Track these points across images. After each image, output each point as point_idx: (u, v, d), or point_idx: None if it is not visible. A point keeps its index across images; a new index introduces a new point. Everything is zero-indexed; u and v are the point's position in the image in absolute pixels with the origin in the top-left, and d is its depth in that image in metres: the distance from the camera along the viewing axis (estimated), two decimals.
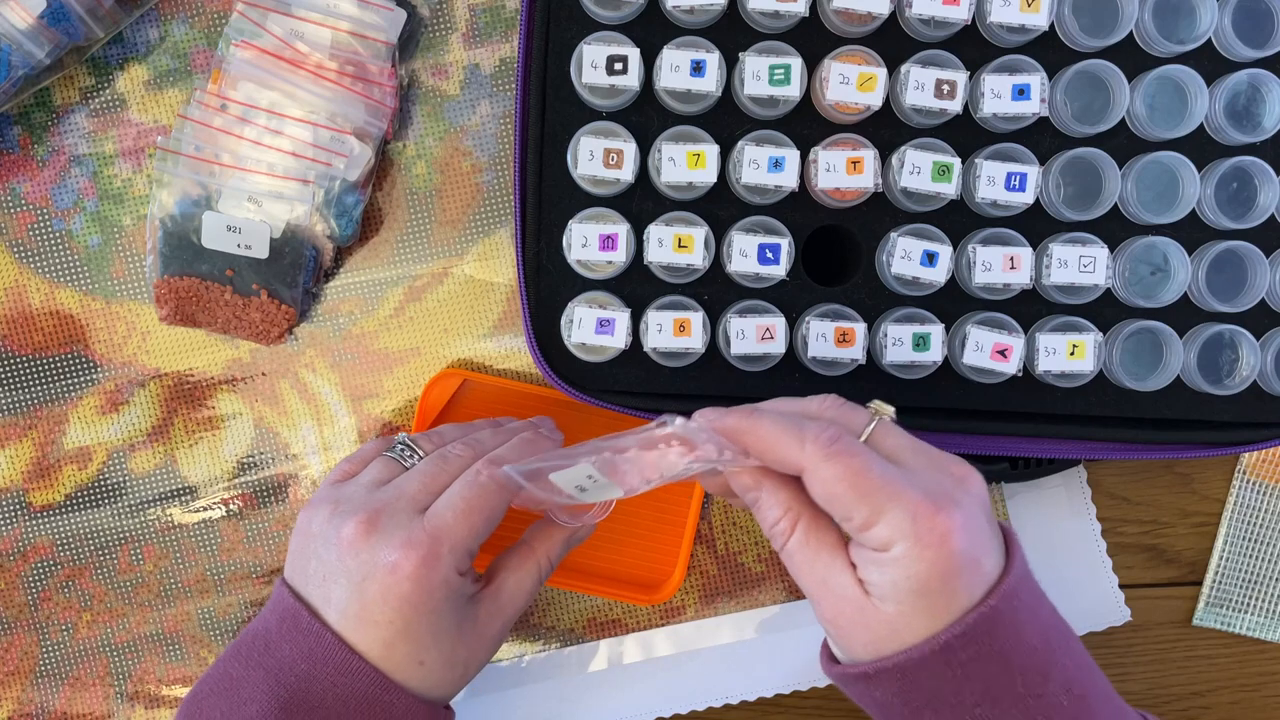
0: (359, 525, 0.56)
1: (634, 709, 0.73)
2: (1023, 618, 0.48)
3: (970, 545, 0.48)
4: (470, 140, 0.70)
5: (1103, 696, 0.50)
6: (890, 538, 0.48)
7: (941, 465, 0.50)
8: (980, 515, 0.49)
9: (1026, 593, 0.49)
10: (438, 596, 0.55)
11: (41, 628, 0.72)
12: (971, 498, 0.49)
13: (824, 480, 0.49)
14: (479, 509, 0.57)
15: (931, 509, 0.48)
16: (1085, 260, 0.63)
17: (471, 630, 0.58)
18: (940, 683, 0.48)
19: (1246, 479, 0.73)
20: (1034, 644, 0.49)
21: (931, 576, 0.47)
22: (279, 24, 0.66)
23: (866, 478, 0.48)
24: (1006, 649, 0.48)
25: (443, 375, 0.70)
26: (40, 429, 0.71)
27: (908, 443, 0.51)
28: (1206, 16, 0.62)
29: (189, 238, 0.67)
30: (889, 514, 0.48)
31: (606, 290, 0.65)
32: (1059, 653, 0.49)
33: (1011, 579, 0.49)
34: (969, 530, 0.48)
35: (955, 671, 0.48)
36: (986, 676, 0.48)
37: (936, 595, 0.48)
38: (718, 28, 0.63)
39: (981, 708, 0.48)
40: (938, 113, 0.62)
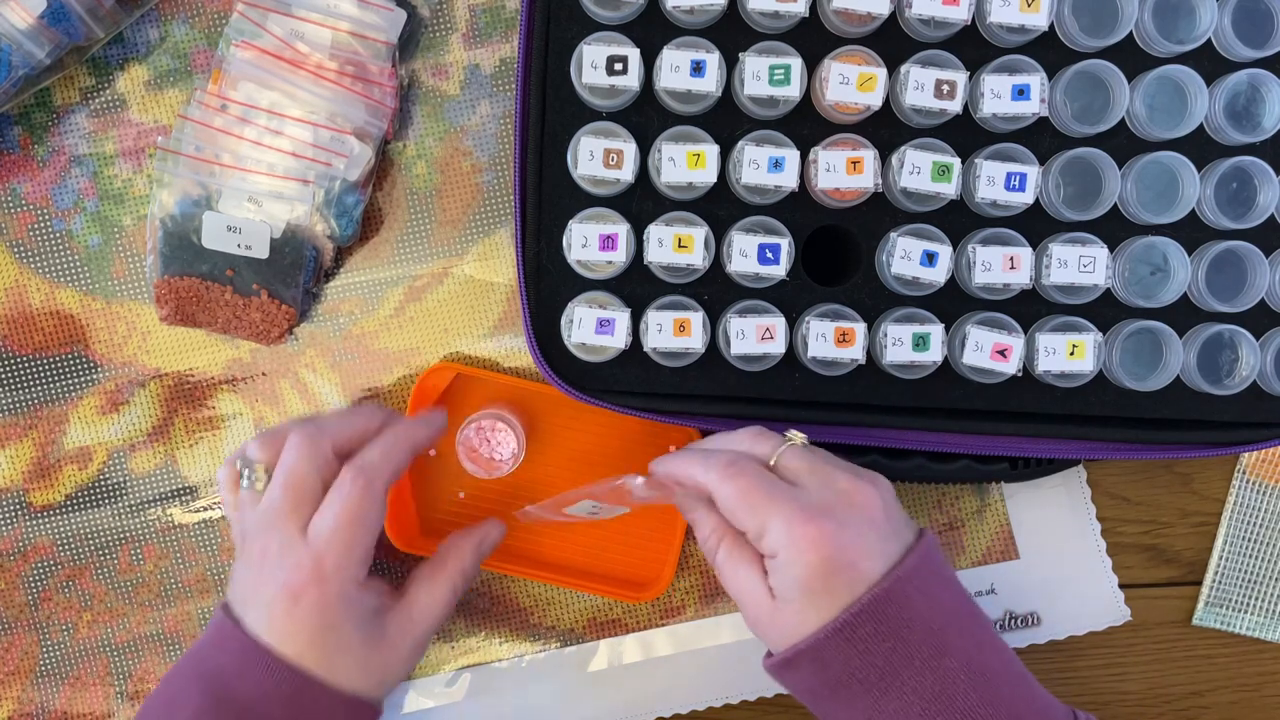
0: (256, 548, 0.60)
1: (634, 709, 0.73)
2: (916, 601, 0.56)
3: (841, 550, 0.55)
4: (470, 140, 0.70)
5: (1011, 679, 0.57)
6: (774, 545, 0.56)
7: (831, 483, 0.57)
8: (860, 525, 0.56)
9: (924, 580, 0.56)
10: (334, 612, 0.59)
11: (42, 628, 0.72)
12: (854, 509, 0.57)
13: (722, 498, 0.57)
14: (354, 521, 0.59)
15: (803, 519, 0.55)
16: (1085, 260, 0.63)
17: (383, 642, 0.61)
18: (847, 659, 0.55)
19: (1246, 479, 0.73)
20: (930, 624, 0.56)
21: (810, 576, 0.55)
22: (279, 24, 0.66)
23: (754, 495, 0.56)
24: (901, 627, 0.55)
25: (435, 370, 0.70)
26: (40, 429, 0.71)
27: (807, 465, 0.58)
28: (1206, 16, 0.62)
29: (189, 238, 0.67)
30: (771, 525, 0.56)
31: (606, 290, 0.65)
32: (956, 634, 0.56)
33: (905, 568, 0.56)
34: (840, 537, 0.55)
35: (857, 648, 0.55)
36: (886, 651, 0.55)
37: (819, 593, 0.55)
38: (718, 28, 0.63)
39: (885, 680, 0.55)
40: (938, 113, 0.62)
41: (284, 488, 0.60)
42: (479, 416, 0.68)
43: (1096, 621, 0.73)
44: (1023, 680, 0.58)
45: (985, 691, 0.55)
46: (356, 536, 0.60)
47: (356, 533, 0.60)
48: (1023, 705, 0.57)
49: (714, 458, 0.58)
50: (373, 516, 0.60)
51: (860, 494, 0.57)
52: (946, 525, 0.73)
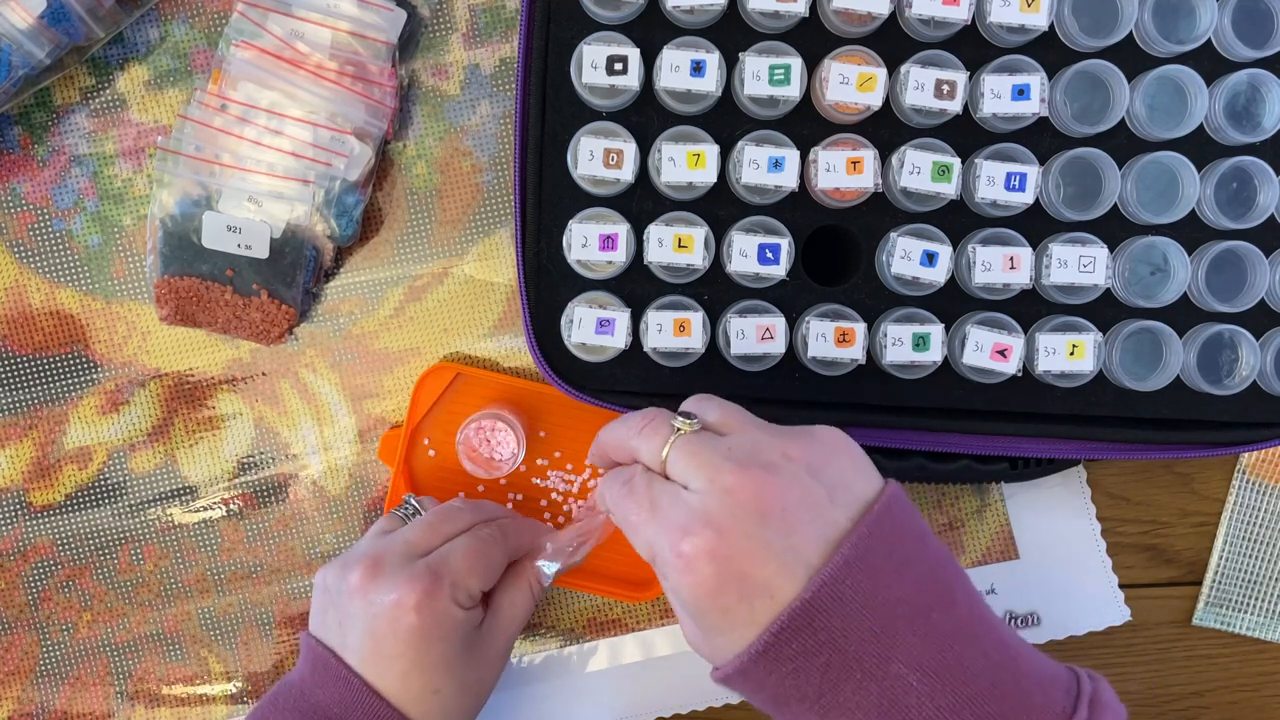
0: (363, 570, 0.60)
1: (634, 709, 0.73)
2: (850, 605, 0.47)
3: (723, 563, 0.48)
4: (470, 140, 0.70)
5: (986, 670, 0.49)
6: (661, 569, 0.51)
7: (715, 481, 0.49)
8: (750, 527, 0.48)
9: (860, 576, 0.48)
10: (444, 626, 0.59)
11: (42, 627, 0.72)
12: (740, 510, 0.48)
13: (619, 524, 0.54)
14: (479, 554, 0.62)
15: (679, 537, 0.49)
16: (1085, 260, 0.63)
17: (480, 654, 0.62)
18: (779, 679, 0.49)
19: (1246, 479, 0.73)
20: (870, 627, 0.48)
21: (698, 599, 0.49)
22: (279, 24, 0.66)
23: (638, 515, 0.52)
24: (835, 638, 0.47)
25: (436, 369, 0.70)
26: (40, 429, 0.71)
27: (692, 463, 0.51)
28: (1206, 16, 0.62)
29: (189, 238, 0.67)
30: (655, 546, 0.51)
31: (606, 290, 0.65)
32: (905, 633, 0.48)
33: (831, 568, 0.47)
34: (722, 548, 0.48)
35: (785, 667, 0.48)
36: (822, 666, 0.48)
37: (713, 614, 0.49)
38: (718, 28, 0.63)
39: (826, 696, 0.48)
40: (938, 113, 0.62)
41: (426, 524, 0.63)
42: (479, 416, 0.68)
43: (1096, 621, 0.73)
44: (1006, 666, 0.49)
45: (945, 695, 0.47)
46: (476, 568, 0.61)
47: (477, 565, 0.61)
48: (1001, 702, 0.48)
49: (617, 477, 0.54)
50: (496, 561, 0.62)
51: (748, 488, 0.49)
52: (946, 525, 0.73)
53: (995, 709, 0.48)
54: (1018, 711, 0.48)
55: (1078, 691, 0.50)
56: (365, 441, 0.72)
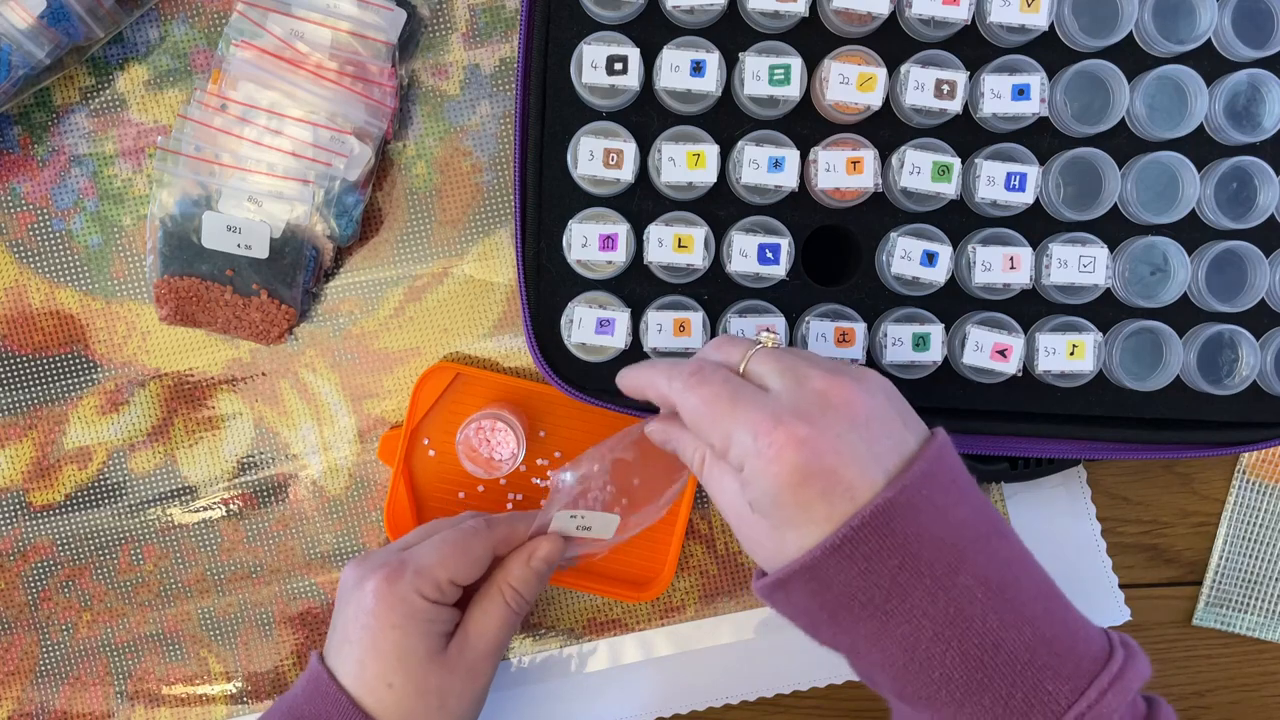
0: (351, 563, 0.63)
1: (634, 709, 0.73)
2: (925, 514, 0.49)
3: (815, 457, 0.49)
4: (470, 140, 0.70)
5: (1040, 597, 0.51)
6: (739, 457, 0.51)
7: (804, 383, 0.51)
8: (839, 427, 0.50)
9: (933, 490, 0.50)
10: (399, 613, 0.60)
11: (41, 627, 0.72)
12: (831, 411, 0.50)
13: (686, 411, 0.53)
14: (453, 544, 0.61)
15: (770, 425, 0.49)
16: (1085, 260, 0.63)
17: (441, 660, 0.61)
18: (848, 578, 0.49)
19: (1246, 479, 0.73)
20: (941, 538, 0.49)
21: (780, 489, 0.49)
22: (279, 24, 0.66)
23: (717, 404, 0.51)
24: (909, 542, 0.49)
25: (435, 369, 0.70)
26: (40, 429, 0.71)
27: (777, 366, 0.52)
28: (1206, 16, 0.62)
29: (189, 238, 0.67)
30: (735, 435, 0.50)
31: (606, 290, 0.65)
32: (972, 549, 0.50)
33: (911, 476, 0.49)
34: (813, 443, 0.49)
35: (859, 566, 0.49)
36: (892, 569, 0.49)
37: (792, 506, 0.49)
38: (718, 28, 0.63)
39: (892, 601, 0.49)
40: (938, 113, 0.62)
41: (423, 528, 0.65)
42: (479, 416, 0.68)
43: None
44: (1055, 598, 0.52)
45: (1007, 613, 0.49)
46: (447, 558, 0.61)
47: (449, 555, 0.61)
48: (1053, 627, 0.50)
49: (679, 368, 0.54)
50: (474, 552, 0.62)
51: (839, 393, 0.51)
52: None
53: (1050, 632, 0.50)
54: (1068, 638, 0.50)
55: (1109, 636, 0.52)
56: (365, 441, 0.72)
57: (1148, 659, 0.52)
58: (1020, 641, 0.49)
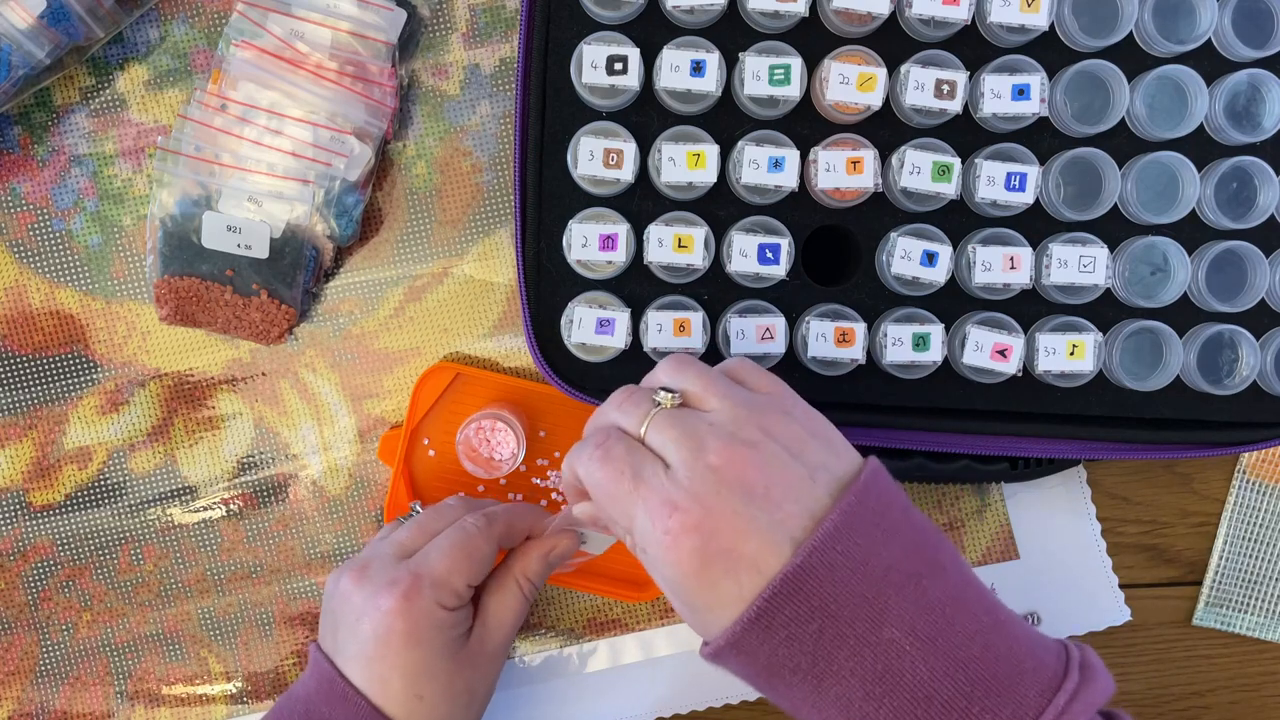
0: (352, 574, 0.61)
1: (634, 709, 0.73)
2: (841, 572, 0.48)
3: (709, 539, 0.48)
4: (470, 140, 0.70)
5: (977, 633, 0.49)
6: (642, 543, 0.50)
7: (700, 457, 0.49)
8: (738, 503, 0.48)
9: (849, 544, 0.48)
10: (424, 629, 0.59)
11: (41, 627, 0.72)
12: (726, 489, 0.48)
13: (592, 490, 0.52)
14: (461, 548, 0.61)
15: (666, 511, 0.48)
16: (1085, 260, 0.63)
17: (465, 659, 0.61)
18: (772, 648, 0.48)
19: (1246, 479, 0.73)
20: (862, 593, 0.48)
21: (683, 576, 0.49)
22: (279, 24, 0.66)
23: (620, 484, 0.50)
24: (827, 604, 0.47)
25: (435, 369, 0.70)
26: (40, 429, 0.71)
27: (675, 435, 0.50)
28: (1206, 16, 0.62)
29: (189, 238, 0.67)
30: (636, 519, 0.50)
31: (606, 290, 0.65)
32: (896, 599, 0.48)
33: (819, 537, 0.48)
34: (709, 524, 0.48)
35: (778, 635, 0.48)
36: (815, 634, 0.48)
37: (697, 591, 0.49)
38: (718, 28, 0.63)
39: (819, 665, 0.48)
40: (938, 113, 0.62)
41: (415, 524, 0.64)
42: (479, 416, 0.68)
43: (1096, 621, 0.73)
44: (996, 629, 0.50)
45: (937, 660, 0.48)
46: (458, 564, 0.60)
47: (458, 559, 0.60)
48: (992, 665, 0.48)
49: (586, 441, 0.52)
50: (481, 552, 0.61)
51: (733, 468, 0.49)
52: (946, 525, 0.73)
53: (988, 672, 0.48)
54: (1010, 675, 0.48)
55: (1067, 657, 0.50)
56: (365, 441, 0.72)
57: (1109, 676, 0.50)
58: (954, 689, 0.47)
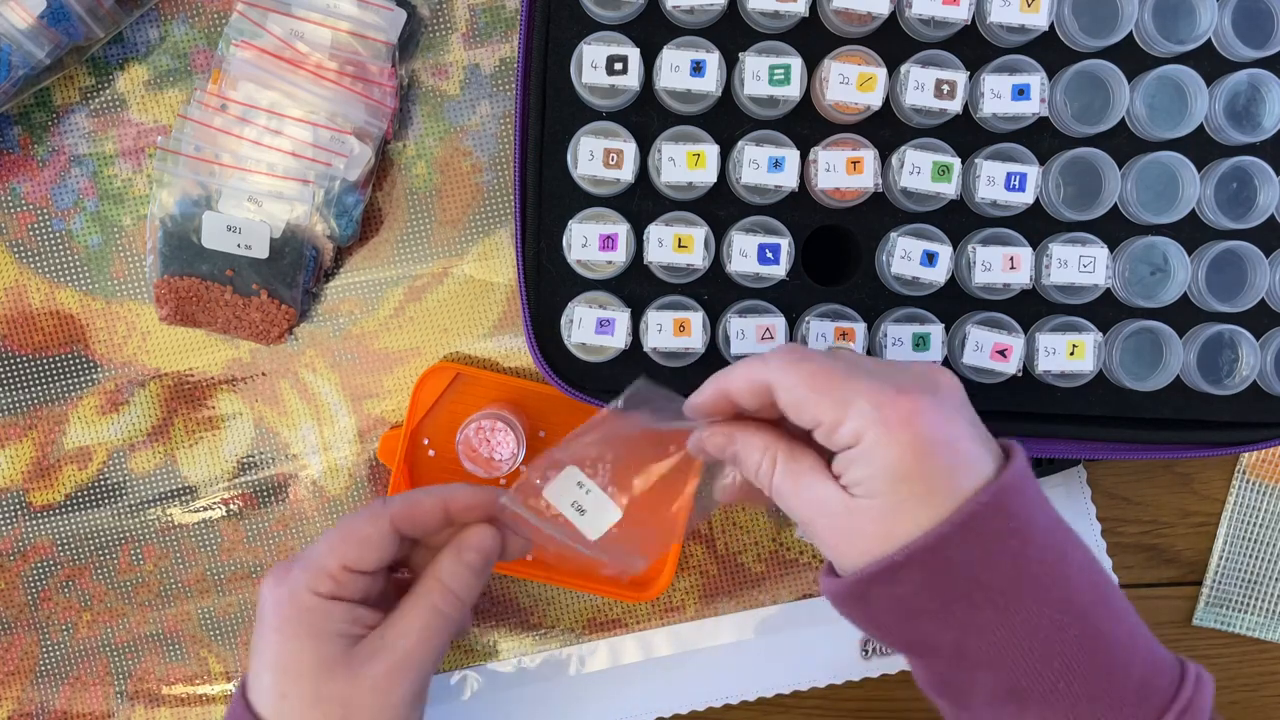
0: None
1: (634, 709, 0.73)
2: (1033, 501, 0.48)
3: (940, 425, 0.47)
4: (470, 140, 0.70)
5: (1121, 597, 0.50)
6: (859, 428, 0.47)
7: (906, 368, 0.50)
8: (953, 406, 0.49)
9: (1029, 480, 0.49)
10: (285, 614, 0.53)
11: (41, 627, 0.72)
12: (944, 391, 0.49)
13: (789, 387, 0.49)
14: (340, 527, 0.55)
15: (894, 394, 0.47)
16: (1085, 260, 0.63)
17: (346, 665, 0.53)
18: (971, 560, 0.46)
19: (1246, 479, 0.73)
20: (1047, 526, 0.48)
21: (906, 459, 0.47)
22: (279, 24, 0.66)
23: (829, 376, 0.48)
24: (1024, 526, 0.47)
25: (435, 370, 0.70)
26: (40, 429, 0.71)
27: (868, 358, 0.52)
28: (1206, 16, 0.62)
29: (189, 238, 0.67)
30: (854, 405, 0.47)
31: (606, 290, 0.65)
32: (1070, 542, 0.49)
33: (1016, 460, 0.48)
34: (937, 412, 0.47)
35: (984, 546, 0.46)
36: (1013, 551, 0.47)
37: (917, 479, 0.47)
38: (718, 28, 0.63)
39: (1014, 586, 0.47)
40: (938, 113, 0.62)
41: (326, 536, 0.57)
42: (479, 416, 0.68)
43: None
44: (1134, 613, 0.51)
45: (1108, 606, 0.48)
46: (336, 546, 0.54)
47: (335, 541, 0.54)
48: (1140, 628, 0.50)
49: (772, 352, 0.50)
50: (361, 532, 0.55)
51: (944, 377, 0.50)
52: None
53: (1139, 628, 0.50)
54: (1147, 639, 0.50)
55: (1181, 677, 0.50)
56: (365, 441, 0.72)
57: None
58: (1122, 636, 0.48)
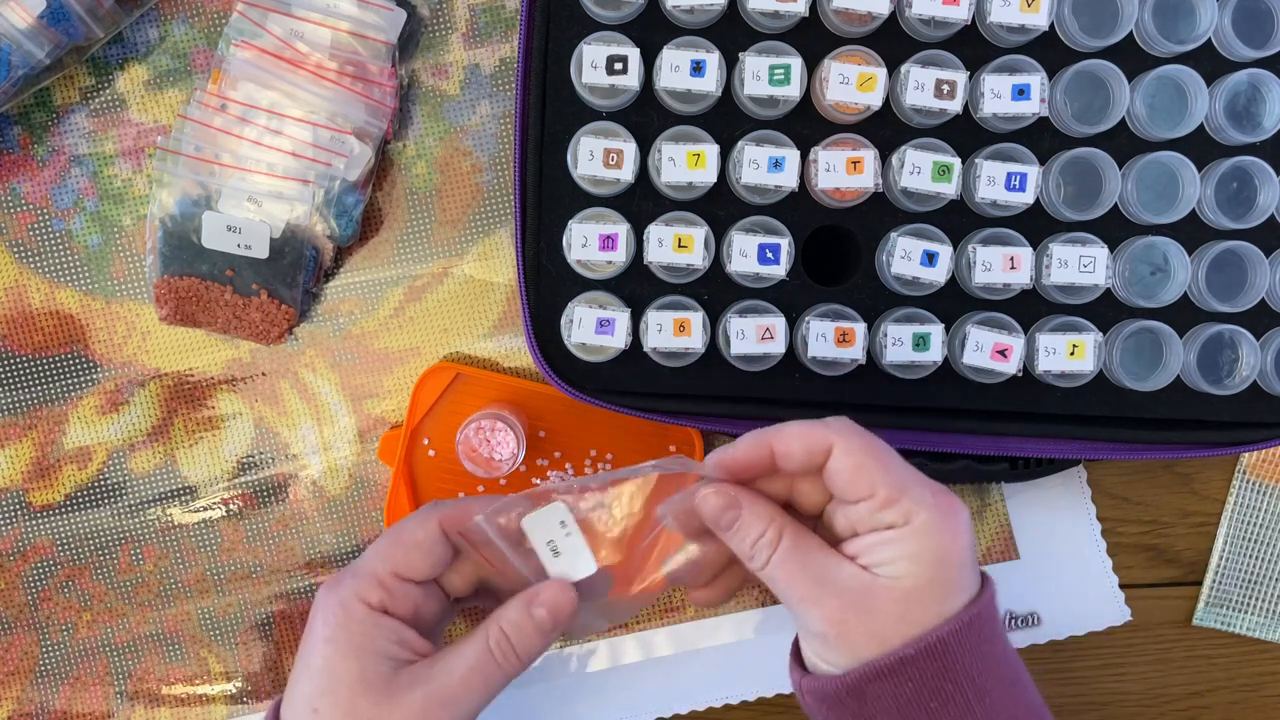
0: None
1: (634, 709, 0.73)
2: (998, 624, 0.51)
3: (970, 527, 0.50)
4: (470, 140, 0.70)
5: None
6: (912, 510, 0.48)
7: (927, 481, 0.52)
8: None
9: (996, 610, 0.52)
10: (333, 622, 0.52)
11: (41, 628, 0.72)
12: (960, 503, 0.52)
13: (855, 451, 0.49)
14: (391, 533, 0.54)
15: (940, 488, 0.50)
16: (1085, 260, 0.63)
17: (385, 688, 0.51)
18: (969, 659, 0.48)
19: (1246, 479, 0.73)
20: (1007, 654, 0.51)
21: (952, 548, 0.48)
22: (279, 24, 0.66)
23: (889, 455, 0.50)
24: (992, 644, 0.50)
25: (435, 369, 0.70)
26: (40, 429, 0.71)
27: None
28: (1206, 16, 0.62)
29: (189, 238, 0.67)
30: (912, 489, 0.49)
31: (606, 290, 0.65)
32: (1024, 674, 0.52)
33: (990, 587, 0.51)
34: (968, 515, 0.50)
35: (982, 648, 0.48)
36: (997, 655, 0.49)
37: (954, 567, 0.48)
38: (718, 28, 0.63)
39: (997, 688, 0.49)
40: (938, 113, 0.62)
41: None
42: (479, 416, 0.68)
43: (1096, 621, 0.73)
44: None
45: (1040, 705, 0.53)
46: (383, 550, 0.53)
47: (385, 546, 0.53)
48: None
49: (829, 419, 0.51)
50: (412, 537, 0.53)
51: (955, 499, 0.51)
52: None
53: None
54: None
55: None
56: (365, 441, 0.72)
57: None
58: None
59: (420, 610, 0.54)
